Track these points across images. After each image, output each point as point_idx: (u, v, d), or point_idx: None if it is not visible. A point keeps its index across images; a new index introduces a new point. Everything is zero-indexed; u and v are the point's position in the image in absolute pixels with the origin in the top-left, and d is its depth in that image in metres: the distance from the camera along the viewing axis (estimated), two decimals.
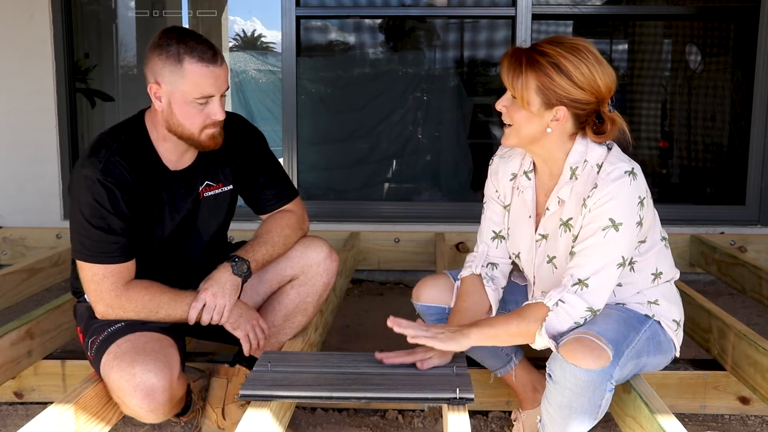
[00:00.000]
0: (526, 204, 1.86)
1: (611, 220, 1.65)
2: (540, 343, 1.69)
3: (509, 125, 1.75)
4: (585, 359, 1.57)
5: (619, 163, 1.69)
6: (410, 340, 1.71)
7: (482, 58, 4.62)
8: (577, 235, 1.72)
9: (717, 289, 3.74)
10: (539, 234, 1.84)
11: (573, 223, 1.74)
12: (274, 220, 2.10)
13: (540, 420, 1.76)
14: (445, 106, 4.65)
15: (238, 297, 1.96)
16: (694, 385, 2.27)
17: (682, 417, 2.27)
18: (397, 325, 1.73)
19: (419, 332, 1.71)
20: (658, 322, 1.81)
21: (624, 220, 1.65)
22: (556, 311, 1.67)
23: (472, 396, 1.67)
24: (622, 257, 1.67)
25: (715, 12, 4.43)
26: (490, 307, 1.93)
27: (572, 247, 1.73)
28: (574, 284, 1.67)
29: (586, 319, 1.68)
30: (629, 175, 1.67)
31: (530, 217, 1.86)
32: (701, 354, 2.49)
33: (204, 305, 1.89)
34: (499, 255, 1.97)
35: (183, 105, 1.82)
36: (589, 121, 1.72)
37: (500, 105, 1.75)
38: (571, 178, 1.74)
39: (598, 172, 1.70)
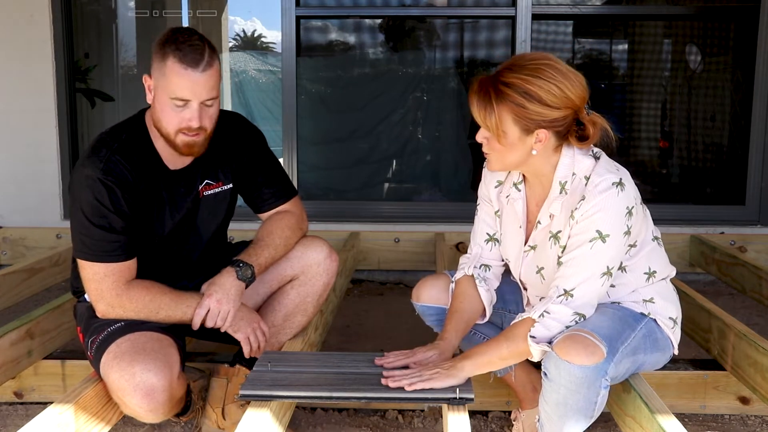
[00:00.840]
0: (517, 215, 1.86)
1: (598, 231, 1.65)
2: (537, 353, 1.69)
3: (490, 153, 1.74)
4: (579, 356, 1.58)
5: (607, 174, 1.68)
6: (408, 389, 1.70)
7: (482, 58, 4.62)
8: (565, 246, 1.72)
9: (717, 289, 3.74)
10: (528, 245, 1.84)
11: (561, 235, 1.74)
12: (274, 221, 2.10)
13: (538, 420, 1.76)
14: (445, 106, 4.65)
15: None
16: (694, 385, 2.27)
17: (682, 417, 2.27)
18: (392, 379, 1.73)
19: (413, 380, 1.71)
20: (654, 320, 1.81)
21: (611, 232, 1.65)
22: (543, 322, 1.67)
23: (472, 396, 1.67)
24: (607, 267, 1.68)
25: (715, 12, 4.43)
26: (484, 309, 1.94)
27: (559, 258, 1.74)
28: (560, 295, 1.68)
29: (576, 322, 1.68)
30: (617, 186, 1.66)
31: (521, 227, 1.86)
32: (701, 354, 2.49)
33: (208, 311, 1.89)
34: (492, 257, 1.98)
35: (162, 101, 1.83)
36: (571, 131, 1.70)
37: (481, 137, 1.73)
38: (560, 192, 1.73)
39: (585, 184, 1.69)
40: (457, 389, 1.68)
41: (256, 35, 4.94)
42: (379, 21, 4.61)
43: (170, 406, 1.77)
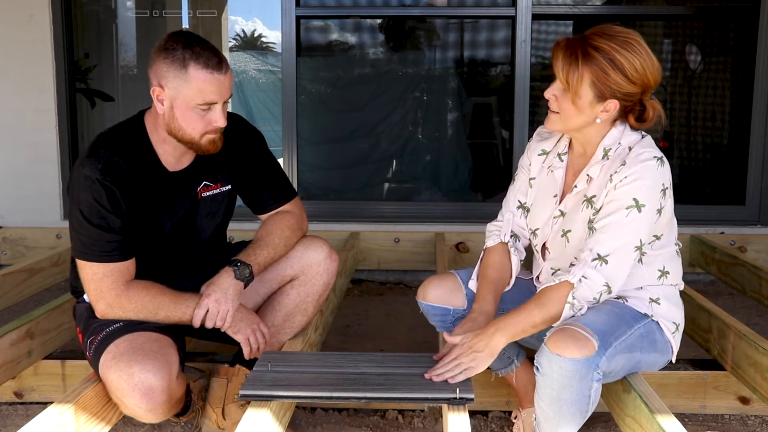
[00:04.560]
0: (555, 182, 1.89)
1: (635, 200, 1.69)
2: (567, 314, 1.70)
3: (556, 112, 1.77)
4: (569, 349, 1.59)
5: (650, 148, 1.74)
6: (452, 381, 1.71)
7: (482, 58, 4.61)
8: (599, 209, 1.74)
9: (717, 289, 3.74)
10: (559, 210, 1.87)
11: (596, 200, 1.77)
12: (274, 221, 2.10)
13: (535, 418, 1.76)
14: (445, 106, 4.64)
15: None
16: (694, 385, 2.27)
17: (682, 417, 2.27)
18: (434, 374, 1.73)
19: (455, 372, 1.71)
20: (657, 323, 1.81)
21: (647, 203, 1.69)
22: (580, 287, 1.69)
23: (472, 396, 1.67)
24: (640, 240, 1.71)
25: (715, 12, 4.43)
26: (510, 277, 1.97)
27: (591, 221, 1.76)
28: (594, 259, 1.70)
29: (602, 294, 1.70)
30: (658, 161, 1.71)
31: (555, 195, 1.89)
32: (701, 354, 2.48)
33: (207, 311, 1.89)
34: (521, 226, 2.00)
35: (185, 110, 1.82)
36: (634, 110, 1.76)
37: (550, 93, 1.77)
38: (603, 158, 1.78)
39: (628, 153, 1.74)
40: (457, 389, 1.68)
41: (256, 35, 4.94)
42: (379, 21, 4.61)
43: (169, 406, 1.77)
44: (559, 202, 1.88)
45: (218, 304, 1.89)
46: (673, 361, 1.88)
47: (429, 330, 2.13)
